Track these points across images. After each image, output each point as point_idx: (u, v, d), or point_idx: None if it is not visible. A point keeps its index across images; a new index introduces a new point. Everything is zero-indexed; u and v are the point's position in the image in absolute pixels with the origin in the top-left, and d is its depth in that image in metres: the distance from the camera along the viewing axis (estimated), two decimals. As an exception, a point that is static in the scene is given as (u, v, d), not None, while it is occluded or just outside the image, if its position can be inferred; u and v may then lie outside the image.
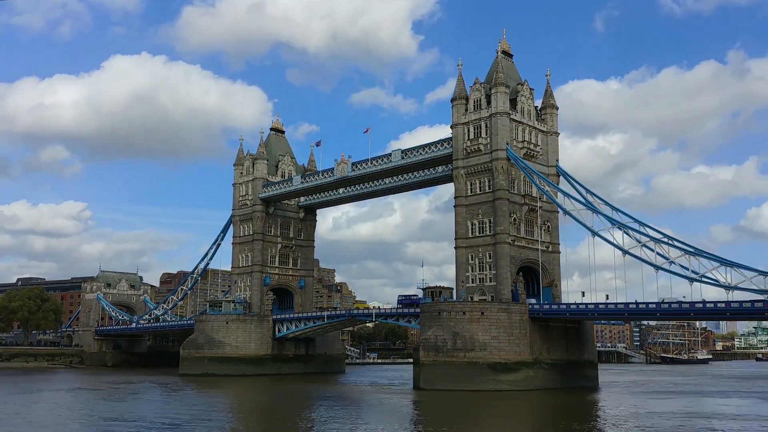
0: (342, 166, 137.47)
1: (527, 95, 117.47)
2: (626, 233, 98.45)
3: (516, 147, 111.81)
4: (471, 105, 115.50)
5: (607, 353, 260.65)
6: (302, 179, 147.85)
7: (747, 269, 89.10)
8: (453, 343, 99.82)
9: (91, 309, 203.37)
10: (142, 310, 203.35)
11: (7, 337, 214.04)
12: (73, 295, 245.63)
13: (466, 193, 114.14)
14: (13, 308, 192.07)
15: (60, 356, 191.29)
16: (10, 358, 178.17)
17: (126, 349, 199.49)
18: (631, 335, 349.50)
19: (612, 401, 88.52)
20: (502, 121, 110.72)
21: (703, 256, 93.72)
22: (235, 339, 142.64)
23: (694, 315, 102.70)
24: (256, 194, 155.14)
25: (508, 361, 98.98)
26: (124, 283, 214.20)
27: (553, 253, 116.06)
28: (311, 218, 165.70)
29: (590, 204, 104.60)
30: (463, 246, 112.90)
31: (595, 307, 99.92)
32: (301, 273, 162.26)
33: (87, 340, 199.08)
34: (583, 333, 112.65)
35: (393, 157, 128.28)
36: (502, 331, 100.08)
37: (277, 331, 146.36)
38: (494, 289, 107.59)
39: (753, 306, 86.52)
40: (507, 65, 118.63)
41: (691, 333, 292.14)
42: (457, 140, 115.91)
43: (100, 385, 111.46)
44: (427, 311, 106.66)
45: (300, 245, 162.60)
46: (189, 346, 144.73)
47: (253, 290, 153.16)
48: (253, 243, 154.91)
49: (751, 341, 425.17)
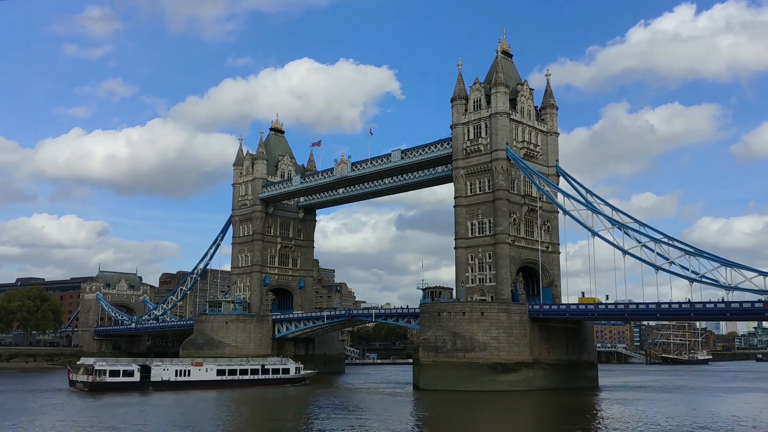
0: (342, 167, 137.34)
1: (527, 95, 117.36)
2: (626, 233, 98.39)
3: (516, 147, 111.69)
4: (471, 105, 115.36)
5: (607, 354, 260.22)
6: (302, 179, 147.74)
7: (747, 269, 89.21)
8: (453, 343, 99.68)
9: (90, 309, 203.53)
10: (142, 311, 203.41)
11: (6, 338, 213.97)
12: (73, 295, 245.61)
13: (465, 193, 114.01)
14: (12, 308, 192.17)
15: (59, 356, 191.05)
16: (9, 359, 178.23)
17: (125, 350, 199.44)
18: (631, 335, 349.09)
19: (612, 401, 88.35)
20: (502, 121, 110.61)
21: (703, 256, 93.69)
22: (235, 339, 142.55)
23: (694, 315, 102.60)
24: (256, 194, 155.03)
25: (507, 362, 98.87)
26: (123, 284, 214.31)
27: (552, 254, 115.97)
28: (311, 218, 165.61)
29: (590, 204, 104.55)
30: (462, 246, 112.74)
31: (595, 307, 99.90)
32: (300, 273, 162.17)
33: (86, 341, 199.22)
34: (583, 333, 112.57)
35: (393, 158, 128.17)
36: (501, 332, 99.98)
37: (277, 332, 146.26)
38: (494, 290, 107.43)
39: (753, 306, 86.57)
40: (507, 65, 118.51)
41: (691, 333, 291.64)
42: (456, 140, 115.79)
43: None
44: (426, 311, 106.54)
45: (299, 245, 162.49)
46: (188, 347, 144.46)
47: (253, 290, 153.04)
48: (252, 243, 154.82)
49: (751, 341, 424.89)
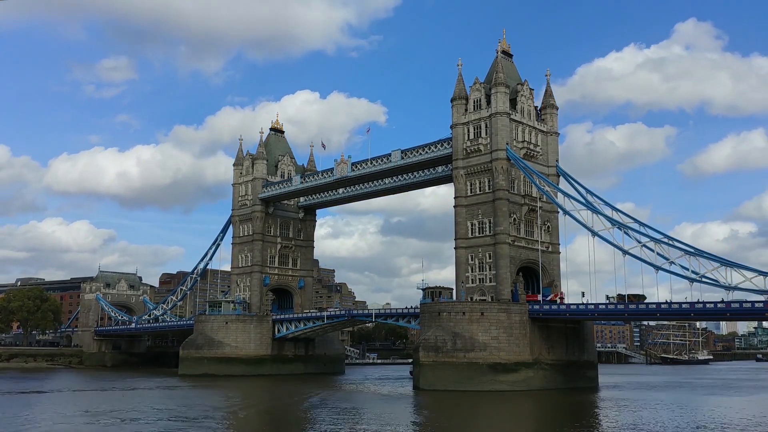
0: (342, 167, 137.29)
1: (527, 95, 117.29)
2: (626, 233, 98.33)
3: (516, 147, 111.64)
4: (471, 105, 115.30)
5: (607, 354, 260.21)
6: (302, 179, 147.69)
7: (747, 269, 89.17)
8: (453, 343, 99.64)
9: (90, 309, 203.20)
10: (142, 311, 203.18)
11: (6, 338, 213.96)
12: (73, 295, 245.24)
13: (465, 193, 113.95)
14: (12, 308, 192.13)
15: (59, 357, 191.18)
16: (9, 359, 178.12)
17: (125, 350, 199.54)
18: (631, 336, 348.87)
19: (612, 401, 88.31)
20: (502, 121, 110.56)
21: (703, 257, 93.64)
22: (235, 339, 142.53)
23: (694, 315, 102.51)
24: (256, 194, 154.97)
25: (507, 362, 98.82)
26: (123, 284, 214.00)
27: (552, 254, 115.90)
28: (311, 218, 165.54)
29: (590, 204, 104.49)
30: (462, 246, 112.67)
31: (595, 307, 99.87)
32: (300, 273, 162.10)
33: (86, 341, 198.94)
34: (583, 333, 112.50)
35: (393, 158, 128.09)
36: (501, 332, 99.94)
37: (277, 332, 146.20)
38: (494, 290, 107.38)
39: (753, 306, 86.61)
40: (507, 65, 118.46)
41: (691, 333, 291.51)
42: (456, 140, 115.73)
43: (100, 386, 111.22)
44: (426, 311, 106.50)
45: (299, 245, 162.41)
46: (188, 347, 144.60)
47: (253, 290, 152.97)
48: (252, 243, 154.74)
49: (752, 341, 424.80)
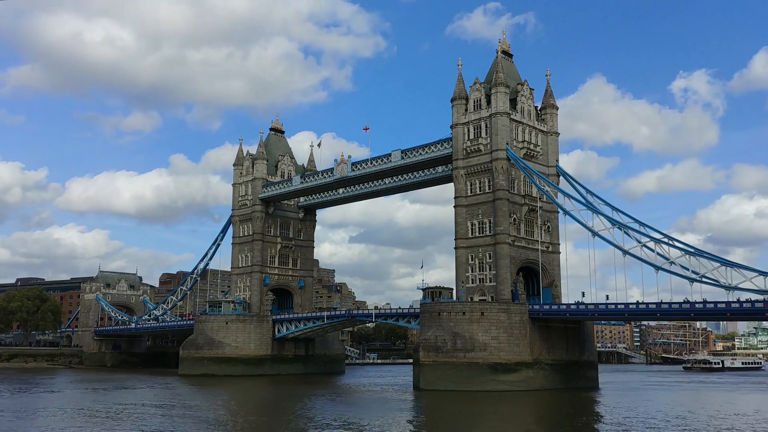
0: (342, 167, 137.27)
1: (527, 95, 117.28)
2: (626, 233, 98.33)
3: (516, 147, 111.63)
4: (471, 105, 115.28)
5: (607, 354, 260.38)
6: (302, 179, 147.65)
7: (747, 269, 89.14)
8: (453, 343, 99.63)
9: (90, 309, 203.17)
10: (142, 311, 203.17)
11: (6, 338, 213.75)
12: (73, 295, 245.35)
13: (466, 193, 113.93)
14: (12, 309, 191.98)
15: (59, 356, 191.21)
16: (9, 359, 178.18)
17: (125, 350, 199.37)
18: (631, 336, 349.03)
19: (612, 401, 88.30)
20: (502, 121, 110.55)
21: (703, 257, 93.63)
22: (235, 339, 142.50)
23: (694, 315, 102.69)
24: (256, 194, 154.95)
25: (508, 362, 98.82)
26: (123, 284, 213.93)
27: (553, 254, 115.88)
28: (311, 218, 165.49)
29: (590, 204, 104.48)
30: (462, 246, 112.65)
31: (595, 307, 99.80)
32: (300, 273, 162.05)
33: (86, 341, 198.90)
34: (583, 333, 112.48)
35: (393, 158, 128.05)
36: (502, 332, 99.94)
37: (277, 332, 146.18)
38: (494, 290, 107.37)
39: (753, 306, 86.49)
40: (507, 65, 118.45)
41: (691, 333, 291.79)
42: (456, 140, 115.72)
43: (100, 386, 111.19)
44: (427, 311, 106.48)
45: (299, 245, 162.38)
46: (188, 347, 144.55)
47: (253, 290, 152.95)
48: (252, 243, 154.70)
49: (751, 341, 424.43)
